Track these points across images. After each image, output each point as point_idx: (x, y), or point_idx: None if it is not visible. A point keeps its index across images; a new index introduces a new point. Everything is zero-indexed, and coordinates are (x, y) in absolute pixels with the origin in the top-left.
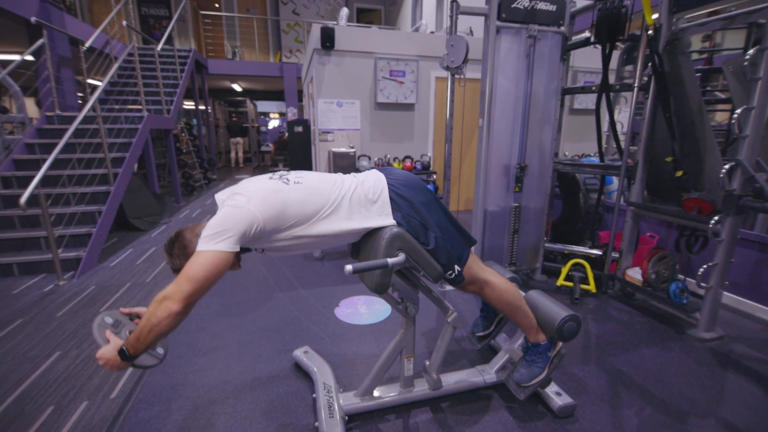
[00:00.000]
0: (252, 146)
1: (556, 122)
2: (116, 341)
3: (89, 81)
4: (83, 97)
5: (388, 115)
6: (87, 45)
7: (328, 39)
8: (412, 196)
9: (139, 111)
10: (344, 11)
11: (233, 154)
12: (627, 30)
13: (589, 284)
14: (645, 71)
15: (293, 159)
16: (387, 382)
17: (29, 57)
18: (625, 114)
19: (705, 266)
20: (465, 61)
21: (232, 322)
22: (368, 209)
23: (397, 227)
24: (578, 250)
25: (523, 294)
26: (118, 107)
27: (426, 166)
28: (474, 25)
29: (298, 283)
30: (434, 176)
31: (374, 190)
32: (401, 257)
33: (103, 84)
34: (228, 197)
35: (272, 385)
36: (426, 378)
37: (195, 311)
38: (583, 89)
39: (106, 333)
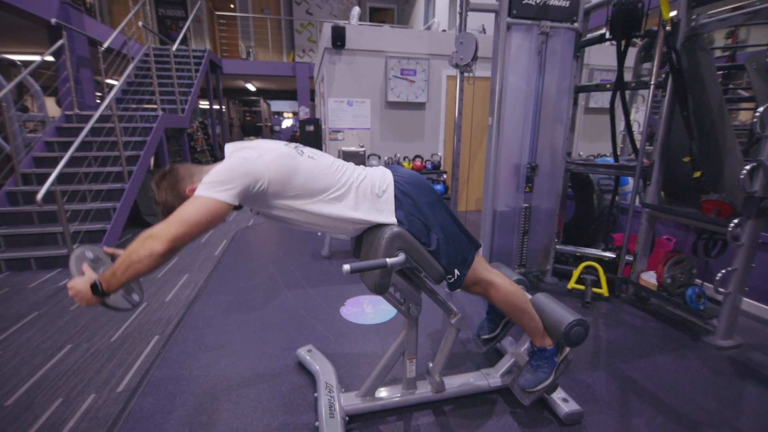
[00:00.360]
0: None
1: (569, 121)
2: (91, 274)
3: (107, 81)
4: (101, 97)
5: (399, 114)
6: (105, 46)
7: (339, 38)
8: (417, 196)
9: (154, 110)
10: (356, 10)
11: None
12: (643, 26)
13: (602, 288)
14: (662, 69)
15: None
16: (389, 384)
17: (49, 57)
18: (643, 113)
19: (724, 271)
20: (474, 59)
21: (239, 319)
22: (372, 202)
23: (398, 227)
24: (591, 253)
25: (530, 297)
26: (134, 106)
27: (436, 166)
28: (487, 23)
29: (306, 282)
30: (444, 176)
31: (380, 185)
32: (401, 257)
33: (119, 83)
34: (238, 149)
35: (275, 383)
36: (429, 380)
37: (203, 307)
38: (597, 87)
39: (83, 265)
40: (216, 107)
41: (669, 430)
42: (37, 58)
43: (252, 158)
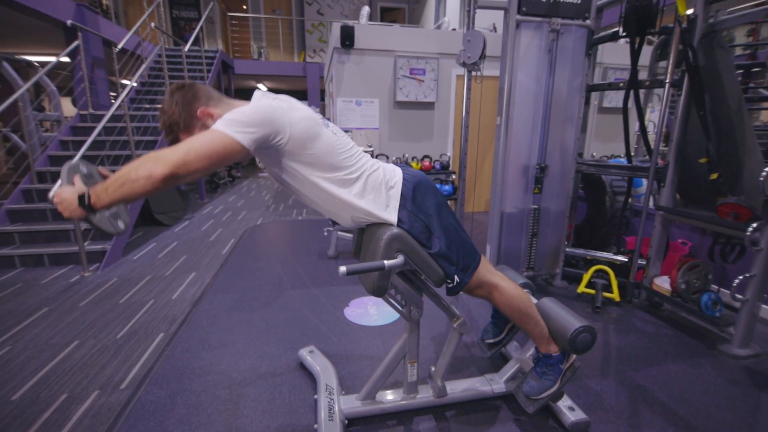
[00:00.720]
0: None
1: (580, 120)
2: (81, 186)
3: (122, 81)
4: (116, 97)
5: (407, 114)
6: (119, 47)
7: (348, 38)
8: (422, 197)
9: None
10: (365, 9)
11: None
12: (659, 23)
13: (613, 292)
14: (678, 67)
15: None
16: (390, 387)
17: (65, 58)
18: (659, 113)
19: (741, 277)
20: (482, 57)
21: (243, 318)
22: (379, 195)
23: (398, 228)
24: (601, 256)
25: (536, 301)
26: (147, 106)
27: (445, 166)
28: (498, 21)
29: (311, 282)
30: (453, 176)
31: (391, 179)
32: (399, 260)
33: (131, 83)
34: (268, 97)
35: (275, 384)
36: (431, 384)
37: (209, 306)
38: (610, 86)
39: (75, 177)
40: None
41: None
42: (53, 59)
43: (280, 109)
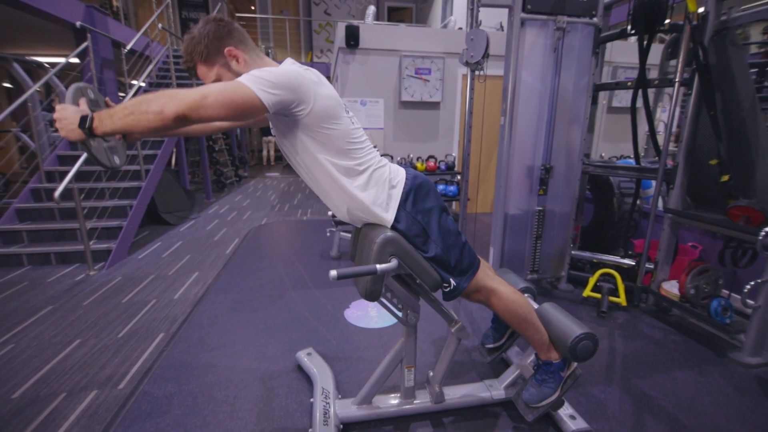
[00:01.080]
0: None
1: (587, 121)
2: (85, 108)
3: (131, 81)
4: (124, 97)
5: (413, 114)
6: (128, 48)
7: (353, 37)
8: (422, 199)
9: None
10: (371, 9)
11: (265, 153)
12: (668, 19)
13: (619, 297)
14: (689, 65)
15: None
16: (388, 391)
17: (74, 59)
18: (670, 112)
19: (753, 282)
20: (486, 56)
21: (243, 318)
22: (381, 191)
23: (392, 231)
24: (608, 259)
25: (537, 306)
26: None
27: (450, 167)
28: (504, 20)
29: (312, 283)
30: (458, 177)
31: (395, 177)
32: (393, 263)
33: (138, 83)
34: (300, 66)
35: (272, 386)
36: (428, 390)
37: (210, 306)
38: (618, 85)
39: (81, 99)
40: None
41: None
42: (63, 60)
43: (309, 80)
